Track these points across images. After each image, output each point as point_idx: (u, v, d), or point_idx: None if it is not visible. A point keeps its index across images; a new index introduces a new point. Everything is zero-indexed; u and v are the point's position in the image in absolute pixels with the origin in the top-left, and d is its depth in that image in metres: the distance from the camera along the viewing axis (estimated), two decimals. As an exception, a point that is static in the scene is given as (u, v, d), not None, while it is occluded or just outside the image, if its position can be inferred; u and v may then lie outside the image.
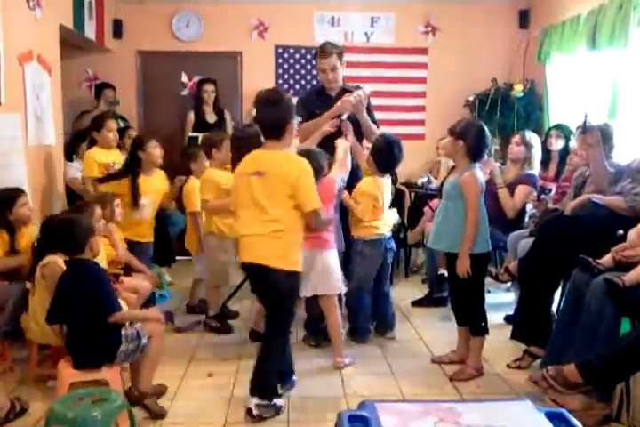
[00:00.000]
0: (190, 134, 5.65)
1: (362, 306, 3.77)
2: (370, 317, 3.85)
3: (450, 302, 3.58)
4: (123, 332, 2.69)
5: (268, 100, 2.77)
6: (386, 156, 3.61)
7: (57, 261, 2.98)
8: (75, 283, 2.67)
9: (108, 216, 3.64)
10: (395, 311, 3.99)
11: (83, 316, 2.64)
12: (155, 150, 4.17)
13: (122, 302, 2.93)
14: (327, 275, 3.37)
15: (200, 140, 4.81)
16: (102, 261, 3.31)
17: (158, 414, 2.78)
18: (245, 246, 2.82)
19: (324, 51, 3.77)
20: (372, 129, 3.84)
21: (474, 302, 3.28)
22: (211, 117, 5.78)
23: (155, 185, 4.22)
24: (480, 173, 3.21)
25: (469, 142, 3.13)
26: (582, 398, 2.63)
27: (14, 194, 3.45)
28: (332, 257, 3.40)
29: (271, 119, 2.76)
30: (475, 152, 3.17)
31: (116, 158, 4.48)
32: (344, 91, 3.84)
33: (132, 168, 4.14)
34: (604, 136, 3.46)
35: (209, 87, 5.75)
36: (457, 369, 3.30)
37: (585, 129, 3.37)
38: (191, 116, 5.77)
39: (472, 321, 3.31)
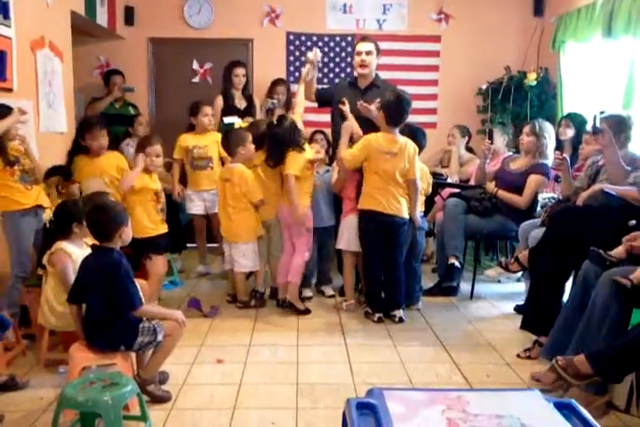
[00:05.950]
0: (225, 120, 5.20)
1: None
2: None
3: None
4: (140, 325, 2.70)
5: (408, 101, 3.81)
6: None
7: (64, 249, 3.01)
8: (95, 271, 2.67)
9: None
10: (422, 286, 4.37)
11: (100, 303, 2.66)
12: None
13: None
14: None
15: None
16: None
17: (161, 400, 2.80)
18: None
19: (365, 37, 4.47)
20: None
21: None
22: (240, 103, 5.39)
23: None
24: None
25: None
26: (581, 394, 2.62)
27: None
28: None
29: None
30: None
31: (207, 142, 4.84)
32: (372, 86, 4.26)
33: None
34: (619, 126, 3.42)
35: (240, 71, 5.32)
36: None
37: (595, 130, 3.33)
38: (220, 100, 5.34)
39: None
